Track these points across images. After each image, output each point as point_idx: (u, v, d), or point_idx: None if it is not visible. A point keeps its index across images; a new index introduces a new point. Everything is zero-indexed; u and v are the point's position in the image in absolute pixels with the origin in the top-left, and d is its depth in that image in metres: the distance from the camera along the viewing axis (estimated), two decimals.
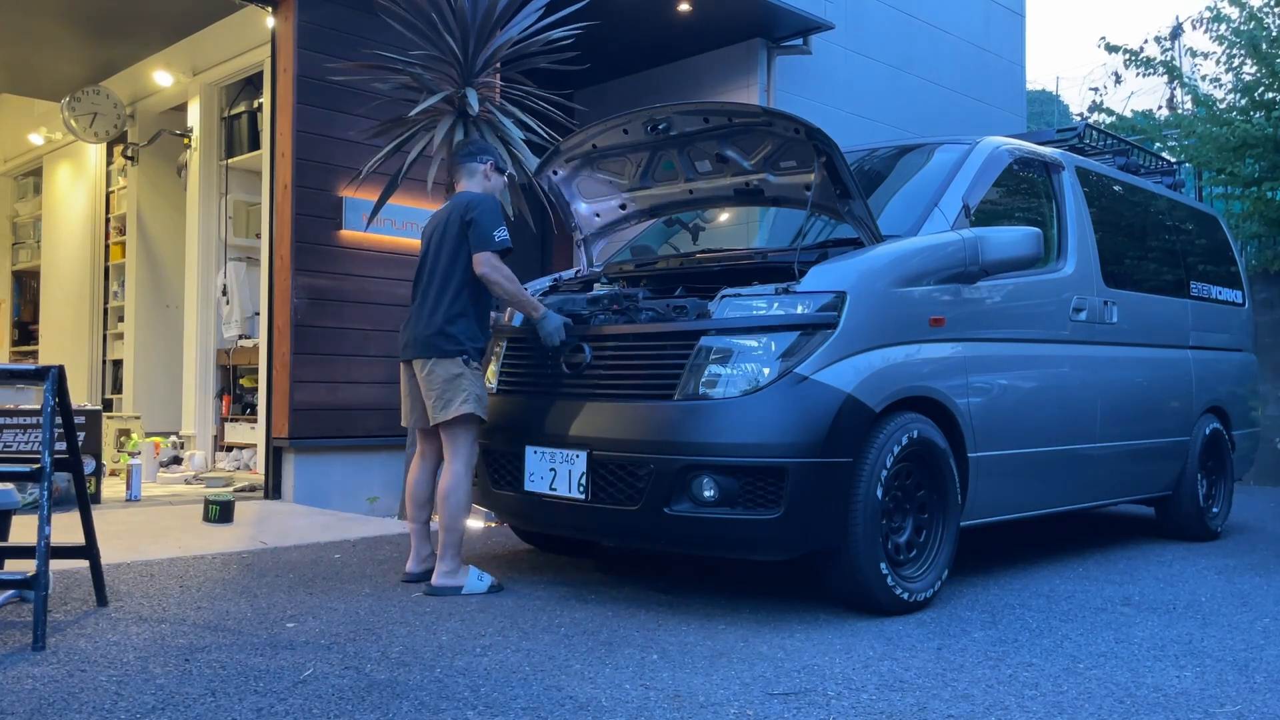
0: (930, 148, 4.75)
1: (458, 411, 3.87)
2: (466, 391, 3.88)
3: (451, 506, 3.91)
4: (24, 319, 10.99)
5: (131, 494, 6.29)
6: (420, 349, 3.95)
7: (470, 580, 3.93)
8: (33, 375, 3.65)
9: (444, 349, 3.90)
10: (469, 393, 3.88)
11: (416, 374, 4.00)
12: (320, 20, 6.38)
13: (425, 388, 3.95)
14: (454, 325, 3.92)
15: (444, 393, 3.89)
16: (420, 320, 3.99)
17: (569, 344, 3.99)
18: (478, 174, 4.18)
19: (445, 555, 3.94)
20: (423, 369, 3.94)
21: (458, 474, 3.93)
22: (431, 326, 3.93)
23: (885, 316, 3.75)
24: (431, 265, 4.02)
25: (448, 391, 3.88)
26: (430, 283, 4.00)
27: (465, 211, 3.98)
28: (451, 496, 3.91)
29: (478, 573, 3.97)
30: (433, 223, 4.15)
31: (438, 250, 4.01)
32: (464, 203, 4.03)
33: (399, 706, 2.58)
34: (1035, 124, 17.03)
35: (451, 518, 3.92)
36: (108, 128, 8.42)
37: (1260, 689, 2.90)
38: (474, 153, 4.23)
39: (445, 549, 3.94)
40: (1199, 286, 5.93)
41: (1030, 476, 4.46)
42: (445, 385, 3.88)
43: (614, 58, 8.39)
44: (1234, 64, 9.44)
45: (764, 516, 3.44)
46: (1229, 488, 5.99)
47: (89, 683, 2.72)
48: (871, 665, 3.04)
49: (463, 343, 3.91)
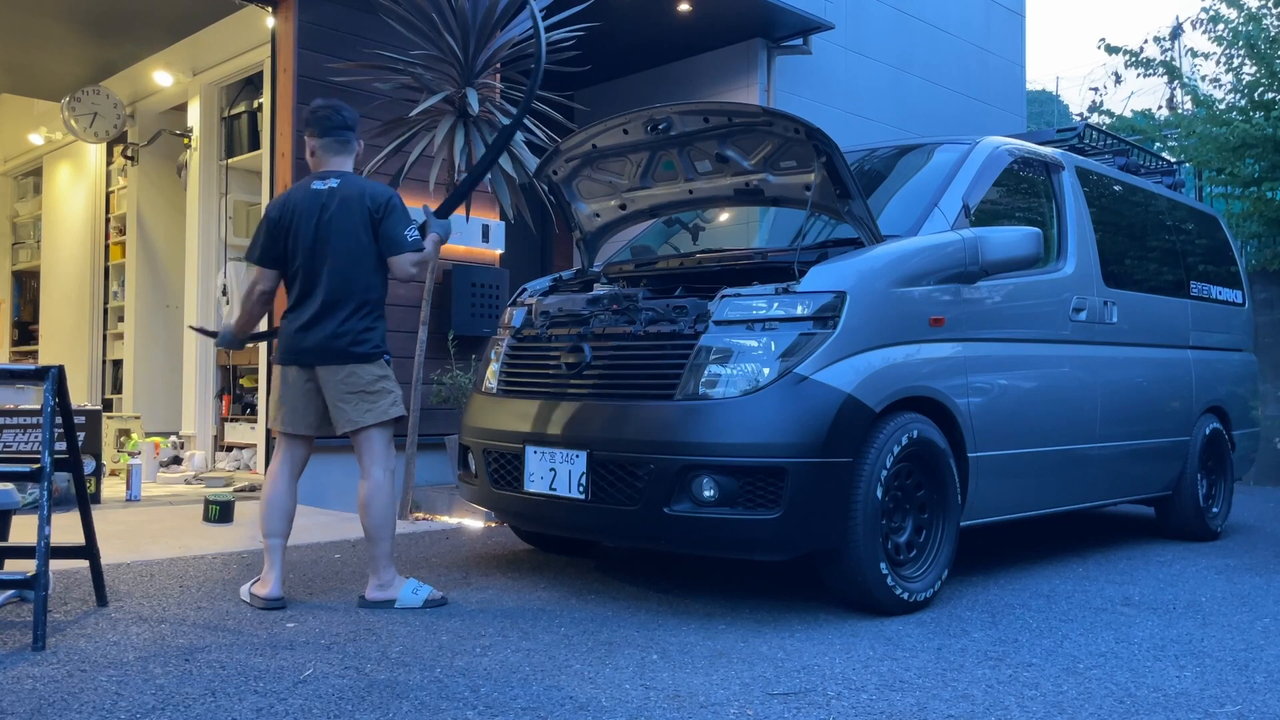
0: (930, 148, 4.75)
1: (387, 415, 3.68)
2: (393, 394, 3.70)
3: (377, 515, 3.66)
4: (24, 319, 10.99)
5: (131, 494, 6.29)
6: (335, 355, 3.64)
7: (405, 593, 3.67)
8: (33, 375, 3.65)
9: (365, 353, 3.66)
10: (395, 395, 3.70)
11: (321, 379, 3.68)
12: (320, 20, 6.38)
13: (338, 393, 3.65)
14: (372, 326, 3.69)
15: (367, 397, 3.65)
16: (325, 322, 3.65)
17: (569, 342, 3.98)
18: (353, 151, 3.84)
19: (378, 568, 3.68)
20: (337, 374, 3.65)
21: (379, 480, 3.68)
22: (346, 328, 3.64)
23: (885, 316, 3.75)
24: (328, 259, 3.65)
25: (371, 396, 3.65)
26: (330, 279, 3.65)
27: (376, 210, 3.67)
28: (375, 504, 3.66)
29: (415, 584, 3.72)
30: (310, 206, 3.69)
31: (338, 243, 3.65)
32: (369, 196, 3.69)
33: (399, 706, 2.58)
34: (1035, 124, 17.02)
35: (378, 527, 3.66)
36: (108, 128, 8.42)
37: (1260, 689, 2.90)
38: (349, 123, 3.82)
39: (377, 561, 3.68)
40: (1199, 286, 5.93)
41: (1030, 476, 4.47)
42: (368, 389, 3.65)
43: (614, 58, 8.39)
44: (1234, 64, 9.44)
45: (764, 516, 3.44)
46: (1229, 488, 5.99)
47: (89, 683, 2.72)
48: (871, 665, 3.04)
49: (380, 343, 3.70)
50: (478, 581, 4.16)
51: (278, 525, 3.74)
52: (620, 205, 4.75)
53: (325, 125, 3.80)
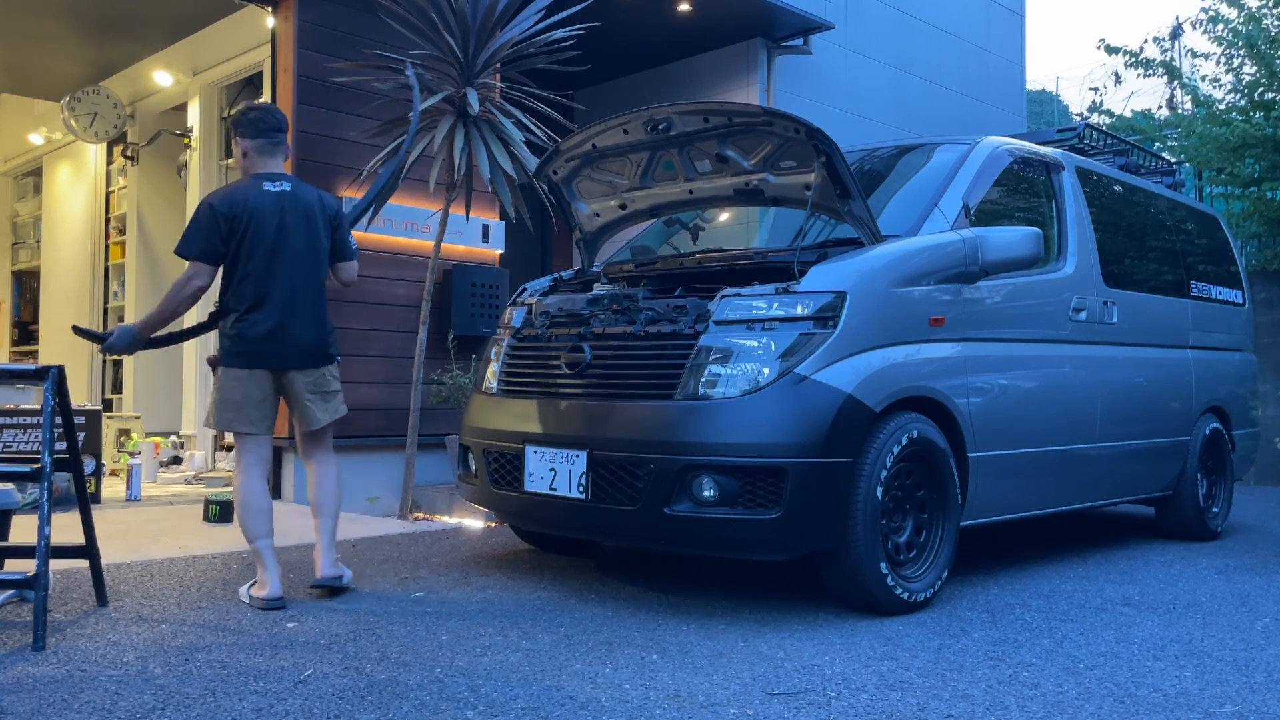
0: (930, 148, 4.75)
1: (340, 412, 3.95)
2: (341, 392, 3.97)
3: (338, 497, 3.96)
4: (24, 319, 11.00)
5: (131, 494, 6.29)
6: (318, 358, 3.82)
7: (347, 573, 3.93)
8: (33, 375, 3.65)
9: (335, 354, 3.91)
10: (341, 390, 3.98)
11: (289, 380, 3.80)
12: (320, 20, 6.37)
13: (307, 392, 3.81)
14: (331, 328, 3.90)
15: (332, 397, 3.91)
16: (306, 326, 3.77)
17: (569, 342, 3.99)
18: (286, 154, 3.92)
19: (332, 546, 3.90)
20: (310, 375, 3.81)
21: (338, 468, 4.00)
22: (321, 332, 3.82)
23: (885, 316, 3.75)
24: (290, 262, 3.72)
25: (334, 395, 3.91)
26: (298, 282, 3.74)
27: (334, 216, 3.90)
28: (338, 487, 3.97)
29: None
30: (268, 208, 3.71)
31: (307, 246, 3.76)
32: (325, 202, 3.88)
33: (399, 706, 2.58)
34: (1035, 124, 17.02)
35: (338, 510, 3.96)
36: (108, 128, 8.42)
37: (1260, 689, 2.90)
38: (281, 126, 3.87)
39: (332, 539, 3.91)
40: (1199, 286, 5.93)
41: (1030, 476, 4.46)
42: (330, 389, 3.89)
43: (614, 58, 8.39)
44: (1234, 64, 9.44)
45: (764, 516, 3.44)
46: (1229, 488, 5.99)
47: (89, 683, 2.72)
48: (871, 665, 3.04)
49: (335, 343, 3.94)
50: (478, 581, 4.16)
51: (262, 527, 3.74)
52: (620, 205, 4.75)
53: (259, 128, 3.84)
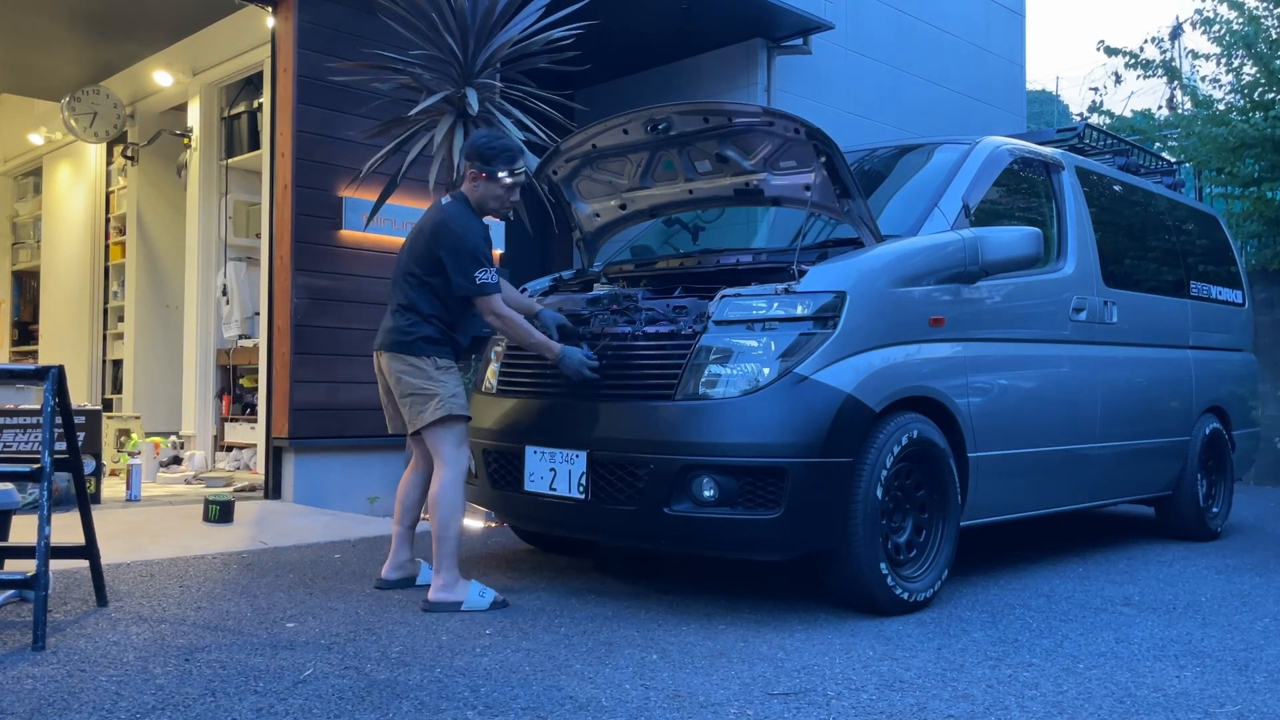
0: (930, 148, 4.75)
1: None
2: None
3: (440, 513, 3.71)
4: (24, 319, 10.98)
5: (131, 494, 6.29)
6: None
7: (471, 595, 3.66)
8: (33, 375, 3.66)
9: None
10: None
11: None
12: (320, 20, 6.37)
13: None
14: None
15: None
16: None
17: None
18: (466, 175, 3.86)
19: (441, 567, 3.70)
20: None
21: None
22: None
23: (885, 316, 3.75)
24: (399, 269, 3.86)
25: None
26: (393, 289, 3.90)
27: (433, 239, 3.72)
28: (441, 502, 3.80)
29: (480, 587, 3.69)
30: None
31: (405, 257, 3.84)
32: (434, 225, 3.74)
33: (399, 706, 2.58)
34: (1035, 124, 17.03)
35: (442, 526, 3.69)
36: (108, 128, 8.42)
37: (1260, 689, 2.90)
38: (472, 152, 3.83)
39: (440, 561, 3.70)
40: (1199, 286, 5.93)
41: (1030, 476, 4.46)
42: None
43: (614, 58, 8.39)
44: (1233, 64, 9.45)
45: (764, 516, 3.44)
46: (1229, 488, 5.99)
47: (89, 683, 2.72)
48: (871, 665, 3.04)
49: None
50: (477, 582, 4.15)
51: (398, 514, 4.04)
52: (620, 205, 4.75)
53: (466, 144, 4.01)
